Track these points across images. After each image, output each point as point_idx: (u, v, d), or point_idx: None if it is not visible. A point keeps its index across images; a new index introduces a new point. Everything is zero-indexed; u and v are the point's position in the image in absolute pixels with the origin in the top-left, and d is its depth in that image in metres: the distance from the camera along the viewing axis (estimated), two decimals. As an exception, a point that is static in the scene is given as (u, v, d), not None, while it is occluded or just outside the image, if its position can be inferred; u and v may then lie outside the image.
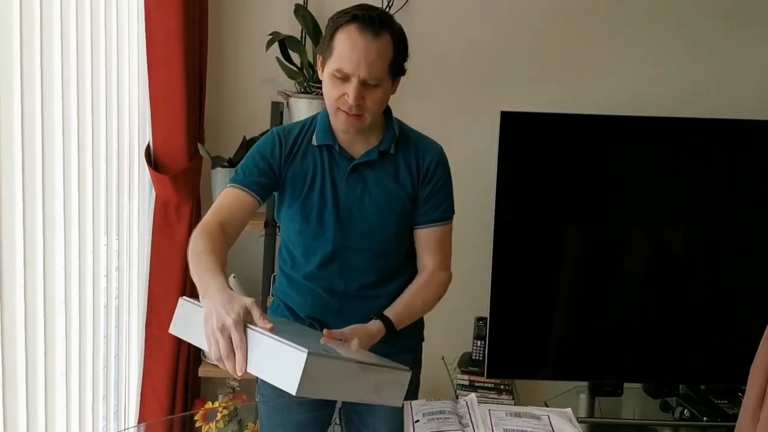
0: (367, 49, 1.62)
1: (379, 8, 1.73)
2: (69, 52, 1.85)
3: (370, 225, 1.76)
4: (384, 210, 1.77)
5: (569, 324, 2.65)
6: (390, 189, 1.77)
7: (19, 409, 1.63)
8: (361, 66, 1.62)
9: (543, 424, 1.52)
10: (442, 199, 1.85)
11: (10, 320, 1.59)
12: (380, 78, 1.65)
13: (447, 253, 1.91)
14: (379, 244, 1.79)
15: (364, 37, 1.62)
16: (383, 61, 1.64)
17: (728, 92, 2.85)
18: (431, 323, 2.99)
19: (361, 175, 1.76)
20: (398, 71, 1.71)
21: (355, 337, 1.61)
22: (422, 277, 1.85)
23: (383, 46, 1.64)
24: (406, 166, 1.79)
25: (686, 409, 2.72)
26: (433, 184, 1.82)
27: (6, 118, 1.57)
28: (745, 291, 2.63)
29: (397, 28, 1.69)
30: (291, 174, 1.76)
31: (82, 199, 1.94)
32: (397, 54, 1.68)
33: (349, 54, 1.62)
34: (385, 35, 1.64)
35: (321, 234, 1.77)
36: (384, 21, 1.65)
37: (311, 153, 1.77)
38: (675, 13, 2.84)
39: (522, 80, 2.85)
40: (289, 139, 1.77)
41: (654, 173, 2.58)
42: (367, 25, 1.62)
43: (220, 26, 2.75)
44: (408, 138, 1.83)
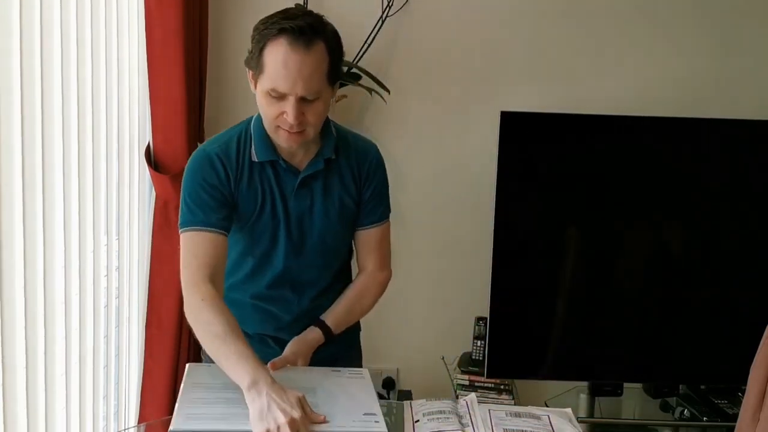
0: (301, 64, 1.50)
1: (305, 9, 1.62)
2: (69, 52, 1.85)
3: (322, 237, 1.71)
4: (333, 220, 1.72)
5: (569, 324, 2.66)
6: (337, 197, 1.71)
7: (19, 409, 1.63)
8: (297, 84, 1.50)
9: (543, 424, 1.52)
10: (382, 200, 1.80)
11: (10, 320, 1.59)
12: (319, 91, 1.54)
13: (386, 252, 1.86)
14: (330, 254, 1.76)
15: (296, 52, 1.49)
16: (320, 73, 1.53)
17: (728, 92, 2.85)
18: (431, 323, 3.00)
19: (309, 187, 1.69)
20: (337, 77, 1.61)
21: (299, 357, 1.67)
22: (362, 281, 1.82)
23: (318, 57, 1.52)
24: (348, 170, 1.73)
25: (686, 409, 2.72)
26: (374, 186, 1.77)
27: (6, 118, 1.56)
28: (745, 291, 2.63)
29: (330, 31, 1.57)
30: (240, 197, 1.65)
31: (82, 199, 1.94)
32: (333, 60, 1.56)
33: (283, 72, 1.50)
34: (318, 44, 1.52)
35: (271, 253, 1.70)
36: (315, 28, 1.52)
37: (256, 171, 1.66)
38: (675, 13, 2.84)
39: (522, 80, 2.85)
40: (230, 158, 1.65)
41: (654, 173, 2.58)
42: (297, 36, 1.49)
43: (220, 26, 2.75)
44: (346, 140, 1.76)
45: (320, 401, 1.50)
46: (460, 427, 1.50)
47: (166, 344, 2.45)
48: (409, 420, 1.55)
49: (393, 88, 2.75)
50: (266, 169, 1.66)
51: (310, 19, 1.54)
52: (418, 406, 1.61)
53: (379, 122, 2.86)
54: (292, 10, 1.57)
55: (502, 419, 1.53)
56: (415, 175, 2.91)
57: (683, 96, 2.83)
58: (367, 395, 1.57)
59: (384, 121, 2.86)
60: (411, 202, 2.92)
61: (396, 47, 2.82)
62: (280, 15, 1.54)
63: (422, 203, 2.92)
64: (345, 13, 2.76)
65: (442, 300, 2.98)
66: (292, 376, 1.57)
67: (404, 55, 2.83)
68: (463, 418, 1.54)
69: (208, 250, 1.60)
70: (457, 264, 2.94)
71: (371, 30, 2.72)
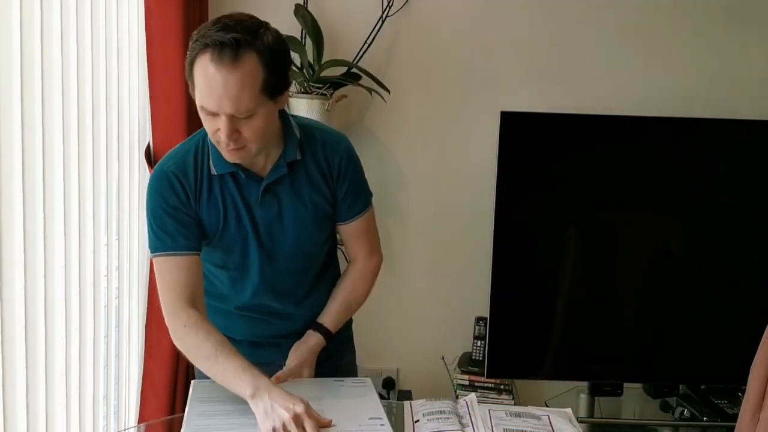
0: (226, 83, 1.39)
1: (243, 19, 1.47)
2: (69, 52, 1.85)
3: (296, 243, 1.66)
4: (305, 223, 1.65)
5: (569, 324, 2.66)
6: (307, 199, 1.64)
7: (18, 409, 1.63)
8: (224, 103, 1.41)
9: (543, 424, 1.52)
10: (361, 191, 1.74)
11: (10, 320, 1.59)
12: (252, 108, 1.43)
13: (374, 239, 1.84)
14: (307, 258, 1.72)
15: (220, 70, 1.39)
16: (250, 90, 1.42)
17: (728, 92, 2.85)
18: (431, 323, 3.00)
19: (275, 193, 1.61)
20: (279, 88, 1.49)
21: (304, 368, 1.67)
22: (354, 271, 1.80)
23: (246, 74, 1.40)
24: (317, 168, 1.64)
25: (686, 409, 2.72)
26: (348, 181, 1.69)
27: (6, 118, 1.56)
28: (745, 291, 2.63)
29: (267, 42, 1.44)
30: (203, 213, 1.60)
31: (82, 199, 1.94)
32: (269, 73, 1.44)
33: (208, 91, 1.41)
34: (247, 59, 1.40)
35: (245, 265, 1.65)
36: (242, 42, 1.40)
37: (216, 184, 1.59)
38: (675, 12, 2.84)
39: (522, 80, 2.85)
40: (188, 175, 1.58)
41: (654, 173, 2.58)
42: (222, 53, 1.38)
43: (220, 26, 2.74)
44: (312, 136, 1.65)
45: (325, 408, 1.51)
46: (460, 427, 1.50)
47: (166, 344, 2.45)
48: (409, 420, 1.55)
49: (393, 88, 2.75)
50: (227, 181, 1.59)
51: (241, 29, 1.41)
52: (418, 406, 1.61)
53: (379, 122, 2.87)
54: (227, 20, 1.44)
55: (502, 419, 1.53)
56: (415, 175, 2.91)
57: (683, 96, 2.83)
58: (372, 401, 1.57)
59: (384, 121, 2.86)
60: (411, 202, 2.93)
61: (396, 47, 2.82)
62: (213, 26, 1.43)
63: (422, 203, 2.92)
64: (345, 13, 2.78)
65: (442, 300, 2.98)
66: (295, 388, 1.57)
67: (404, 55, 2.83)
68: (463, 418, 1.54)
69: (182, 275, 1.57)
70: (457, 264, 2.94)
71: (371, 30, 2.72)
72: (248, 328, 1.74)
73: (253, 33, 1.43)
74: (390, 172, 2.91)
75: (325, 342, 1.72)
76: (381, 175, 2.89)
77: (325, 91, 2.64)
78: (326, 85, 2.65)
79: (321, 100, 2.63)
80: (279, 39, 1.49)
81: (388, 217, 2.93)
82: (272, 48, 1.45)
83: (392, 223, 2.94)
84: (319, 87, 2.64)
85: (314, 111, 2.62)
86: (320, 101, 2.63)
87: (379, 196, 2.89)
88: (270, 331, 1.75)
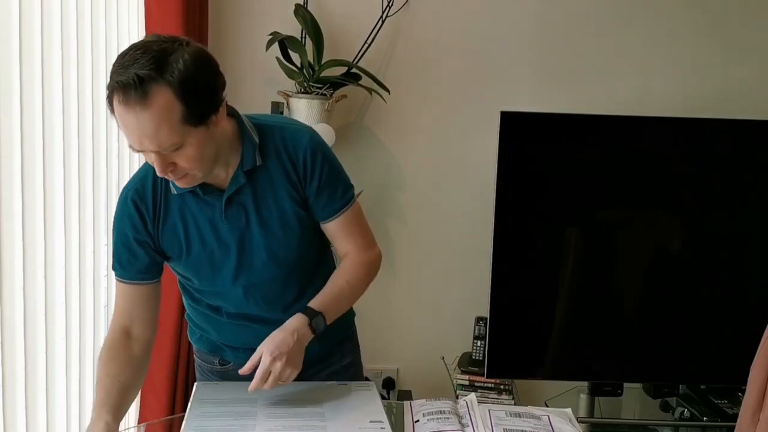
0: (139, 124, 1.31)
1: (149, 48, 1.33)
2: (69, 52, 1.85)
3: (270, 251, 1.58)
4: (274, 229, 1.57)
5: (569, 324, 2.65)
6: (272, 204, 1.55)
7: (18, 409, 1.63)
8: (144, 142, 1.34)
9: (543, 424, 1.52)
10: (336, 186, 1.61)
11: (10, 320, 1.59)
12: (176, 142, 1.35)
13: (364, 233, 1.69)
14: (284, 264, 1.61)
15: (130, 112, 1.31)
16: (167, 125, 1.32)
17: (728, 92, 2.85)
18: (431, 323, 3.00)
19: (239, 203, 1.54)
20: (204, 115, 1.37)
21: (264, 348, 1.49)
22: (345, 262, 1.67)
23: (159, 111, 1.31)
24: (281, 170, 1.55)
25: (686, 409, 2.72)
26: (318, 177, 1.57)
27: (6, 118, 1.56)
28: (745, 291, 2.63)
29: (179, 70, 1.32)
30: (164, 237, 1.55)
31: (82, 199, 1.94)
32: (187, 103, 1.33)
33: (126, 131, 1.35)
34: (156, 95, 1.30)
35: (221, 280, 1.60)
36: (146, 78, 1.29)
37: (175, 204, 1.54)
38: (675, 13, 2.84)
39: (522, 80, 2.85)
40: (146, 198, 1.53)
41: (654, 173, 2.58)
42: (126, 94, 1.30)
43: (220, 26, 2.75)
44: (271, 136, 1.55)
45: (327, 411, 1.52)
46: (460, 427, 1.50)
47: (165, 344, 2.45)
48: (409, 420, 1.55)
49: (393, 88, 2.75)
50: (187, 200, 1.53)
51: (147, 61, 1.30)
52: (418, 406, 1.61)
53: (379, 122, 2.87)
54: (134, 50, 1.33)
55: (502, 419, 1.53)
56: (415, 175, 2.91)
57: (683, 96, 2.83)
58: (373, 404, 1.57)
59: (384, 121, 2.86)
60: (411, 202, 2.93)
61: (396, 47, 2.82)
62: (119, 60, 1.33)
63: (422, 203, 2.92)
64: (345, 13, 2.78)
65: (442, 300, 2.98)
66: (298, 391, 1.57)
67: (404, 55, 2.83)
68: (463, 418, 1.54)
69: (125, 302, 1.59)
70: (457, 264, 2.94)
71: (371, 30, 2.72)
72: (243, 336, 1.69)
73: (159, 63, 1.31)
74: (390, 172, 2.91)
75: (308, 320, 1.54)
76: (381, 175, 2.89)
77: (325, 91, 2.65)
78: (326, 85, 2.65)
79: (321, 100, 2.63)
80: (196, 61, 1.35)
81: (388, 217, 2.93)
82: (186, 75, 1.32)
83: (392, 223, 2.94)
84: (319, 87, 2.65)
85: (314, 111, 2.62)
86: (320, 101, 2.63)
87: (379, 196, 2.91)
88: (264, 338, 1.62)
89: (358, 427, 1.47)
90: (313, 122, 2.61)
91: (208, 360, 1.78)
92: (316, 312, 1.55)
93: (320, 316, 1.56)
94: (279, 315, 1.62)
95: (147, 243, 1.56)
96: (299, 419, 1.49)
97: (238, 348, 1.70)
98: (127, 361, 1.56)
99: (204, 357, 1.79)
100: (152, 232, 1.55)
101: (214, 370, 1.77)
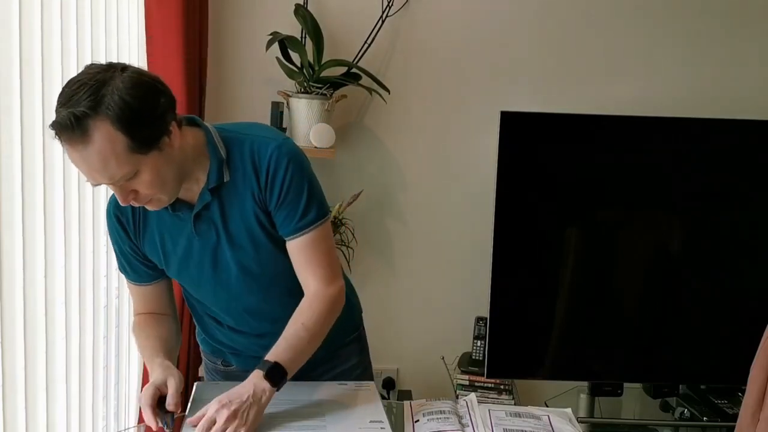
0: (85, 161, 1.30)
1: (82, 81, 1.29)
2: (69, 52, 1.85)
3: (242, 267, 1.55)
4: (247, 246, 1.53)
5: (569, 324, 2.66)
6: (241, 220, 1.51)
7: (18, 409, 1.63)
8: (96, 177, 1.33)
9: (543, 424, 1.52)
10: (298, 200, 1.49)
11: (10, 320, 1.59)
12: (128, 172, 1.32)
13: (326, 263, 1.55)
14: (258, 278, 1.57)
15: (74, 150, 1.29)
16: (114, 158, 1.29)
17: (728, 92, 2.85)
18: (431, 323, 3.00)
19: (209, 219, 1.51)
20: (152, 140, 1.33)
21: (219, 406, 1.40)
22: (302, 303, 1.55)
23: (101, 144, 1.27)
24: (248, 184, 1.48)
25: (686, 409, 2.72)
26: (279, 186, 1.47)
27: (6, 118, 1.56)
28: (745, 291, 2.63)
29: (115, 101, 1.27)
30: (146, 248, 1.57)
31: (82, 199, 1.94)
32: (131, 132, 1.29)
33: (78, 169, 1.34)
34: (95, 130, 1.27)
35: (205, 294, 1.62)
36: (81, 116, 1.25)
37: (152, 219, 1.54)
38: (675, 12, 2.84)
39: (522, 80, 2.85)
40: (126, 212, 1.54)
41: (654, 173, 2.58)
42: (67, 133, 1.27)
43: (220, 26, 2.75)
44: (241, 147, 1.48)
45: (327, 411, 1.52)
46: (459, 427, 1.50)
47: (166, 344, 2.45)
48: (409, 420, 1.55)
49: (393, 88, 2.75)
50: (162, 214, 1.52)
51: (81, 96, 1.27)
52: (418, 406, 1.61)
53: (379, 122, 2.87)
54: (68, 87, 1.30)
55: (502, 419, 1.53)
56: (415, 175, 2.91)
57: (684, 96, 2.83)
58: (374, 404, 1.57)
59: (384, 121, 2.86)
60: (411, 202, 2.93)
61: (396, 47, 2.82)
62: (58, 101, 1.30)
63: (422, 203, 2.92)
64: (345, 13, 2.78)
65: (442, 300, 2.98)
66: (298, 391, 1.57)
67: (404, 55, 2.83)
68: (463, 418, 1.54)
69: (139, 298, 1.68)
70: (457, 264, 2.94)
71: (371, 30, 2.72)
72: (242, 343, 1.70)
73: (94, 97, 1.27)
74: (390, 172, 2.91)
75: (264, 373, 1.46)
76: (381, 175, 2.89)
77: (325, 91, 2.65)
78: (326, 85, 2.65)
79: (321, 100, 2.63)
80: (132, 88, 1.30)
81: (388, 217, 2.93)
82: (122, 104, 1.28)
83: (392, 223, 2.94)
84: (319, 87, 2.65)
85: (314, 111, 2.62)
86: (320, 101, 2.63)
87: (379, 196, 2.91)
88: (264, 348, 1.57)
89: (358, 427, 1.47)
90: (313, 122, 2.62)
91: (213, 360, 1.81)
92: (270, 363, 1.46)
93: (276, 366, 1.46)
94: (265, 327, 1.61)
95: (136, 252, 1.60)
96: (299, 419, 1.49)
97: (239, 353, 1.72)
98: (158, 327, 1.63)
99: (209, 357, 1.83)
100: (136, 242, 1.58)
101: (218, 370, 1.80)
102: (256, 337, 1.66)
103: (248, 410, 1.41)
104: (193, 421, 1.42)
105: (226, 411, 1.39)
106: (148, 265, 1.61)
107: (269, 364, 1.46)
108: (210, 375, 1.84)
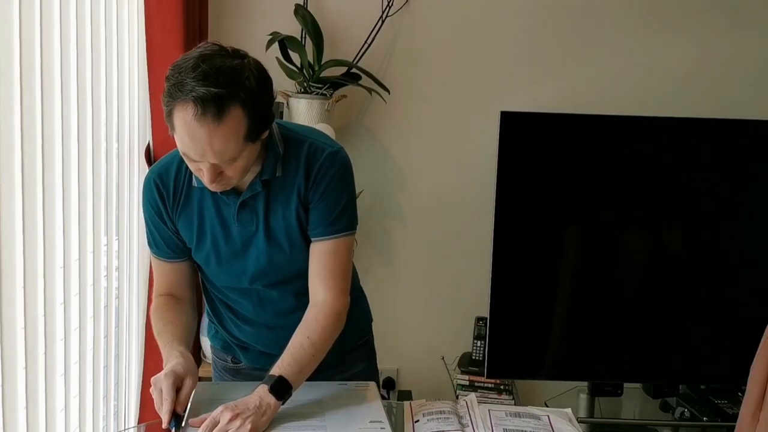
0: (211, 139, 1.35)
1: (224, 65, 1.36)
2: (69, 52, 1.85)
3: (271, 260, 1.58)
4: (282, 242, 1.57)
5: (569, 324, 2.66)
6: (282, 217, 1.55)
7: (19, 409, 1.63)
8: (208, 155, 1.37)
9: (543, 424, 1.52)
10: (336, 205, 1.55)
11: (10, 320, 1.59)
12: (235, 156, 1.39)
13: (341, 276, 1.59)
14: (280, 272, 1.61)
15: (203, 127, 1.33)
16: (235, 141, 1.37)
17: (728, 92, 2.85)
18: (431, 323, 3.00)
19: (252, 209, 1.55)
20: (261, 131, 1.42)
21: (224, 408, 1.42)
22: (308, 315, 1.58)
23: (231, 127, 1.35)
24: (296, 182, 1.54)
25: (686, 409, 2.72)
26: (323, 188, 1.53)
27: (6, 118, 1.56)
28: (745, 291, 2.63)
29: (251, 88, 1.36)
30: (180, 224, 1.59)
31: (82, 199, 1.94)
32: (254, 120, 1.38)
33: (191, 143, 1.37)
34: (231, 112, 1.34)
35: (226, 279, 1.64)
36: (225, 97, 1.32)
37: (195, 196, 1.56)
38: (675, 13, 2.84)
39: (522, 80, 2.86)
40: (167, 182, 1.57)
41: (654, 173, 2.58)
42: (205, 110, 1.32)
43: (220, 26, 2.75)
44: (299, 148, 1.55)
45: (327, 411, 1.52)
46: (459, 427, 1.50)
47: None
48: (409, 420, 1.55)
49: (393, 88, 2.75)
50: (206, 194, 1.55)
51: (224, 79, 1.33)
52: (418, 406, 1.61)
53: (379, 122, 2.87)
54: (207, 66, 1.34)
55: (501, 419, 1.53)
56: (415, 175, 2.91)
57: (684, 96, 2.83)
58: (374, 404, 1.57)
59: (384, 121, 2.86)
60: (411, 202, 2.93)
61: (396, 47, 2.82)
62: (192, 72, 1.34)
63: (422, 203, 2.93)
64: (345, 13, 2.78)
65: (442, 300, 2.98)
66: (298, 391, 1.57)
67: (404, 55, 2.83)
68: (463, 418, 1.54)
69: (162, 275, 1.68)
70: (457, 264, 2.94)
71: (371, 30, 2.73)
72: (252, 336, 1.72)
73: (236, 82, 1.35)
74: (390, 172, 2.91)
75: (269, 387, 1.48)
76: (381, 175, 2.90)
77: (325, 91, 2.65)
78: (326, 85, 2.65)
79: (321, 100, 2.63)
80: (261, 76, 1.40)
81: (388, 217, 2.93)
82: (256, 93, 1.37)
83: (392, 223, 2.94)
84: (319, 87, 2.65)
85: (314, 111, 2.62)
86: (320, 101, 2.63)
87: (379, 196, 2.91)
88: (272, 343, 1.66)
89: (358, 427, 1.47)
90: (313, 122, 2.61)
91: (222, 357, 1.82)
92: (275, 377, 1.49)
93: (281, 380, 1.48)
94: (279, 320, 1.65)
95: (168, 225, 1.60)
96: (299, 419, 1.49)
97: (248, 348, 1.73)
98: (179, 313, 1.63)
99: (218, 354, 1.84)
100: (171, 215, 1.59)
101: (227, 367, 1.81)
102: (266, 329, 1.68)
103: (252, 417, 1.43)
104: (196, 422, 1.44)
105: (230, 413, 1.42)
106: (176, 241, 1.62)
107: (274, 378, 1.48)
108: (219, 374, 1.84)
